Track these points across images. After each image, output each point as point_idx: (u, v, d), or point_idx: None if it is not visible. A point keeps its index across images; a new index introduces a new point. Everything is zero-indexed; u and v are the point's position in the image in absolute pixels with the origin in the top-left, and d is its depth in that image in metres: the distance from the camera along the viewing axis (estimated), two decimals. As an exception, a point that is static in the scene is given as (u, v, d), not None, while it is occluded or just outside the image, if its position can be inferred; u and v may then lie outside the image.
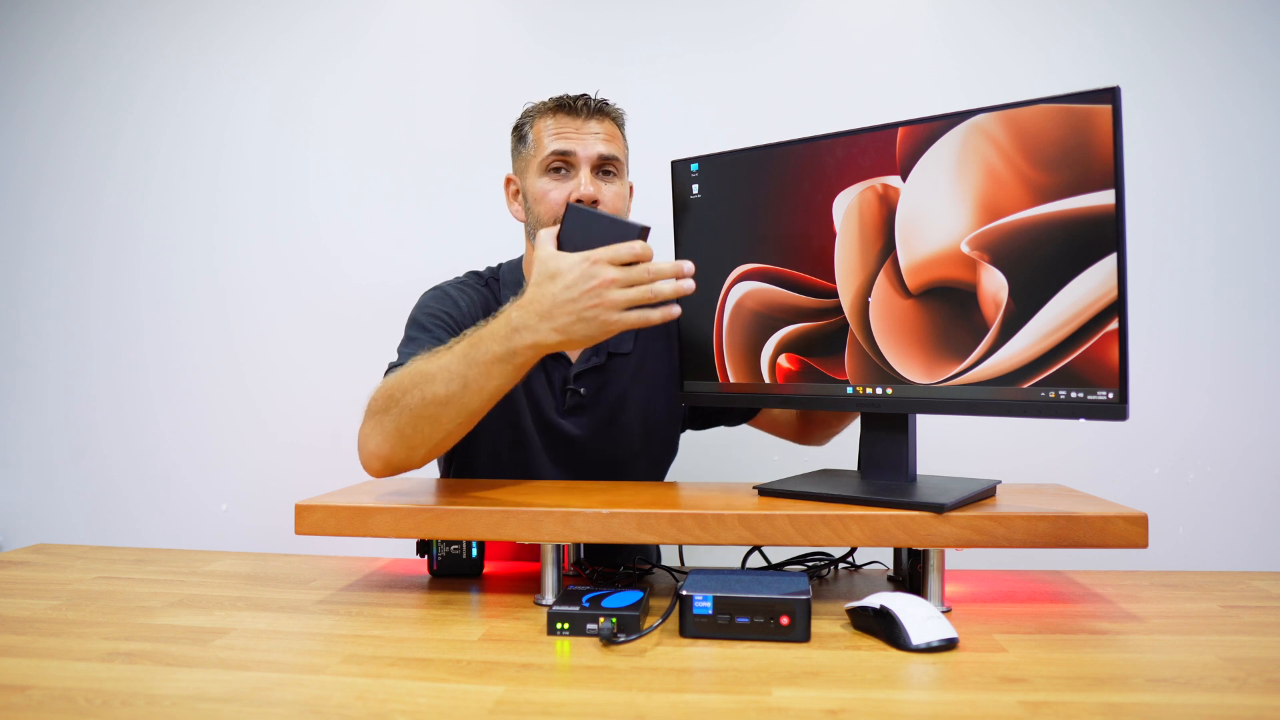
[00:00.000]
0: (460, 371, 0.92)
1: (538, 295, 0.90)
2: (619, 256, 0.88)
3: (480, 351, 0.92)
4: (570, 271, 0.88)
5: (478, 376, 0.92)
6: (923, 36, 1.68)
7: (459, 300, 1.19)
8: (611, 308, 0.88)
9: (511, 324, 0.91)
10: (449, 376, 0.93)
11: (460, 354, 0.93)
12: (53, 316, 1.85)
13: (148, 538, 1.57)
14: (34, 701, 0.66)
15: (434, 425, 0.95)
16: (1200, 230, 1.62)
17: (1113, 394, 0.85)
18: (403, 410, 0.95)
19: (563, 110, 1.18)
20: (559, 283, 0.89)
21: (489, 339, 0.92)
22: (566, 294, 0.88)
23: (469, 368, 0.92)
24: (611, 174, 1.19)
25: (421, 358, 0.97)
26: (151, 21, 1.82)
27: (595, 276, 0.87)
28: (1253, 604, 0.94)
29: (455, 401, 0.93)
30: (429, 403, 0.94)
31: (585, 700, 0.67)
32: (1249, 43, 1.61)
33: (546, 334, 0.89)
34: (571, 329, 0.89)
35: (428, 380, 0.94)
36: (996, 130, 0.89)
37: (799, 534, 0.89)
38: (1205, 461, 1.62)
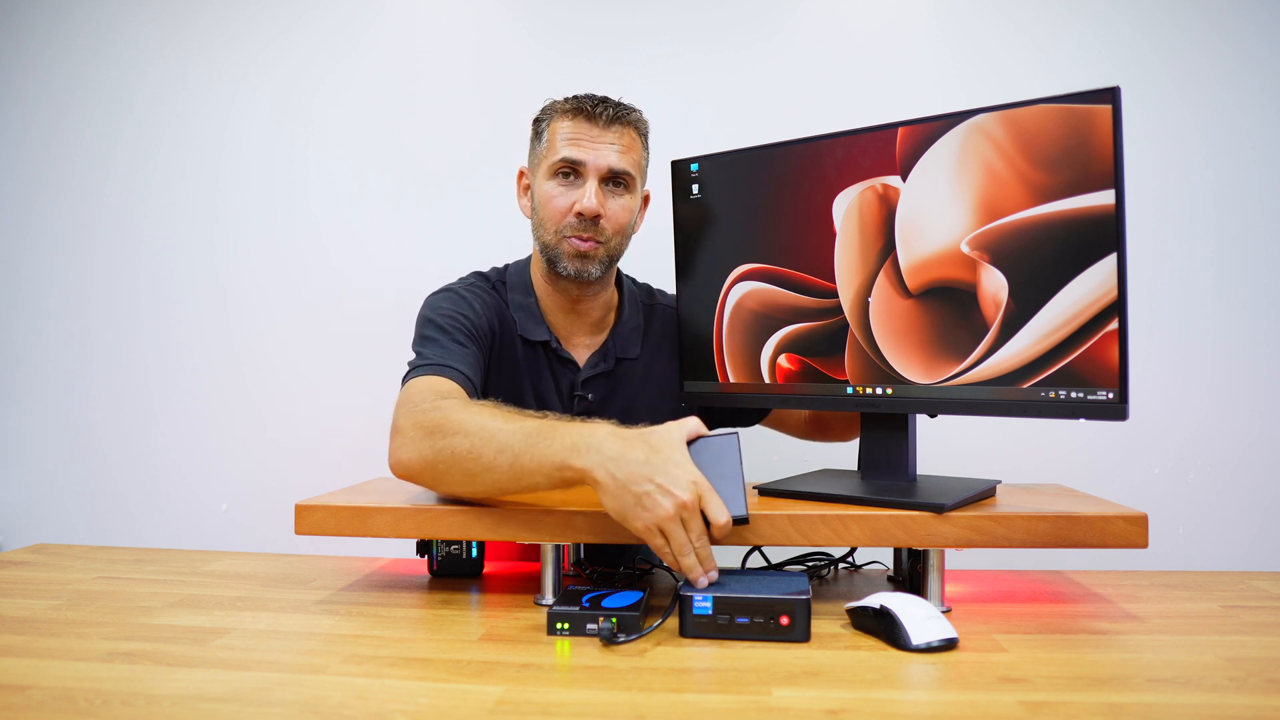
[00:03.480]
0: (513, 449, 0.88)
1: (629, 449, 0.84)
2: (712, 509, 0.82)
3: (545, 443, 0.87)
4: (673, 472, 0.82)
5: (526, 464, 0.88)
6: (923, 36, 1.68)
7: (473, 303, 1.17)
8: (654, 525, 0.82)
9: (593, 441, 0.85)
10: (502, 447, 0.88)
11: (526, 432, 0.88)
12: (53, 316, 1.85)
13: (148, 538, 1.57)
14: (34, 701, 0.66)
15: (467, 480, 0.92)
16: (1200, 230, 1.62)
17: (1113, 394, 0.85)
18: (446, 447, 0.91)
19: (581, 114, 1.15)
20: (661, 463, 0.83)
21: (558, 436, 0.87)
22: (653, 474, 0.82)
23: (525, 450, 0.88)
24: (622, 187, 1.16)
25: (489, 406, 0.94)
26: (151, 21, 1.82)
27: (684, 494, 0.81)
28: (1253, 604, 0.94)
29: (496, 473, 0.90)
30: (474, 459, 0.90)
31: (585, 700, 0.67)
32: (1249, 43, 1.61)
33: (602, 473, 0.84)
34: (621, 493, 0.83)
35: (485, 437, 0.90)
36: (996, 130, 0.89)
37: (799, 534, 0.89)
38: (1205, 461, 1.62)
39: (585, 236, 1.14)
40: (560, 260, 1.16)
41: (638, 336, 1.26)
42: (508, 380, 1.19)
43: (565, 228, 1.15)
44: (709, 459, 0.88)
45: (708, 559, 0.84)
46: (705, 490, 0.83)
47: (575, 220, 1.14)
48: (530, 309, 1.22)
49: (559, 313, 1.23)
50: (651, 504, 0.82)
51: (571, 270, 1.16)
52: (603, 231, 1.15)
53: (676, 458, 0.84)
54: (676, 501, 0.81)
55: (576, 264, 1.15)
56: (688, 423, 0.89)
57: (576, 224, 1.14)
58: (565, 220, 1.14)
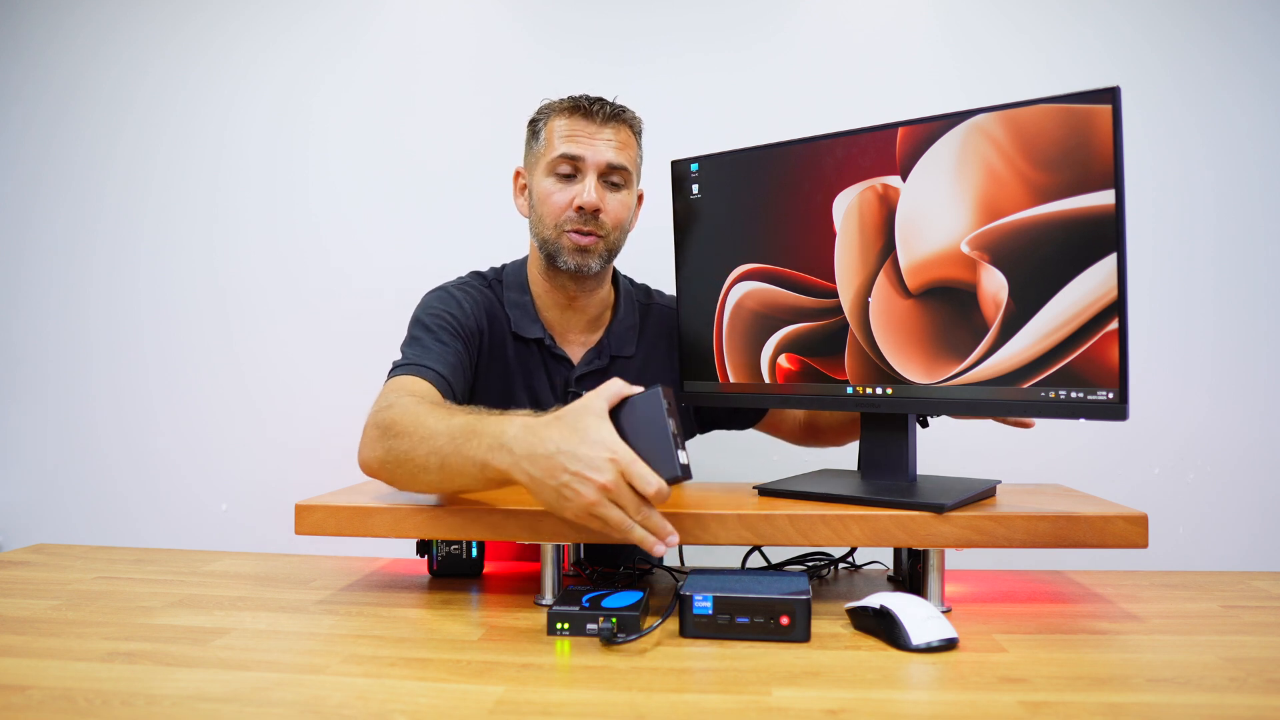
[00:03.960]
0: (441, 451, 0.88)
1: (544, 434, 0.81)
2: (637, 478, 0.79)
3: (467, 444, 0.86)
4: (590, 449, 0.79)
5: (454, 466, 0.88)
6: (923, 36, 1.68)
7: (463, 302, 1.19)
8: (586, 507, 0.80)
9: (503, 440, 0.84)
10: (430, 449, 0.89)
11: (451, 433, 0.88)
12: (53, 317, 1.85)
13: (148, 538, 1.57)
14: (34, 701, 0.66)
15: (411, 480, 0.93)
16: (1200, 230, 1.62)
17: (1113, 394, 0.85)
18: (389, 449, 0.93)
19: (578, 112, 1.17)
20: (571, 448, 0.79)
21: (479, 437, 0.86)
22: (566, 463, 0.79)
23: (451, 452, 0.87)
24: (619, 184, 1.18)
25: (428, 407, 0.94)
26: (151, 21, 1.82)
27: (602, 475, 0.78)
28: (1253, 604, 0.94)
29: (430, 473, 0.90)
30: (407, 459, 0.91)
31: (585, 700, 0.67)
32: (1249, 43, 1.61)
33: (521, 474, 0.83)
34: (541, 489, 0.82)
35: (416, 439, 0.90)
36: (996, 130, 0.89)
37: (799, 534, 0.89)
38: (1205, 461, 1.62)
39: (585, 230, 1.16)
40: (560, 255, 1.17)
41: (633, 335, 1.27)
42: (498, 378, 1.20)
43: (565, 222, 1.16)
44: (637, 421, 0.83)
45: (658, 527, 0.81)
46: (627, 462, 0.78)
47: (575, 215, 1.16)
48: (525, 306, 1.23)
49: (555, 310, 1.24)
50: (572, 494, 0.79)
51: (572, 264, 1.17)
52: (602, 225, 1.17)
53: (591, 436, 0.80)
54: (595, 485, 0.78)
55: (577, 258, 1.17)
56: (605, 389, 0.84)
57: (576, 218, 1.16)
58: (565, 215, 1.16)
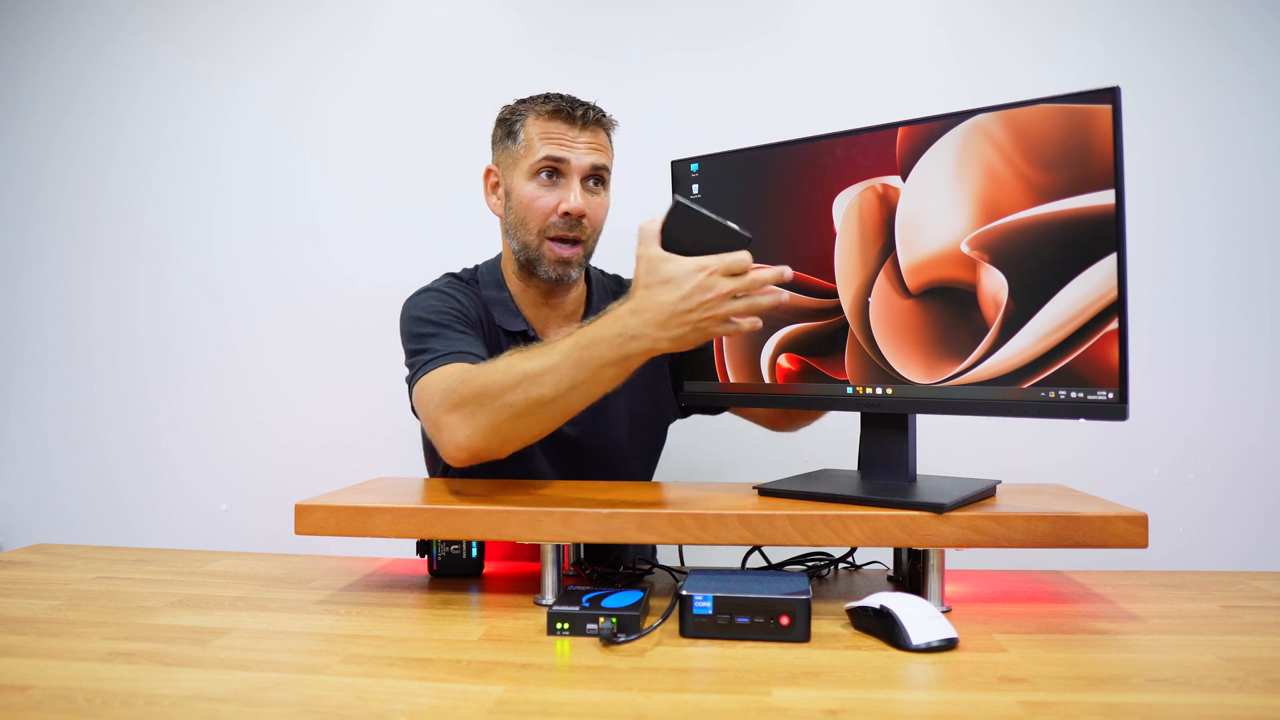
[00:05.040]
0: (569, 374, 0.92)
1: (653, 303, 0.88)
2: (733, 267, 0.87)
3: (592, 354, 0.91)
4: (686, 280, 0.86)
5: (587, 379, 0.92)
6: (923, 36, 1.68)
7: (457, 296, 1.19)
8: (721, 319, 0.88)
9: (627, 330, 0.89)
10: (558, 379, 0.92)
11: (569, 356, 0.92)
12: (52, 317, 1.85)
13: (147, 538, 1.57)
14: (34, 701, 0.66)
15: (534, 423, 0.96)
16: (1200, 230, 1.62)
17: (1113, 394, 0.85)
18: (503, 407, 0.94)
19: (560, 116, 1.17)
20: (674, 291, 0.87)
21: (601, 343, 0.90)
22: (684, 304, 0.87)
23: (579, 370, 0.91)
24: (600, 185, 1.20)
25: (517, 355, 0.96)
26: (151, 20, 1.82)
27: (713, 289, 0.86)
28: (1253, 604, 0.94)
29: (561, 401, 0.93)
30: (533, 402, 0.93)
31: (585, 700, 0.67)
32: (1250, 42, 1.61)
33: (663, 342, 0.89)
34: (685, 338, 0.89)
35: (532, 381, 0.93)
36: (996, 130, 0.89)
37: (799, 534, 0.89)
38: (1205, 462, 1.62)
39: (570, 237, 1.17)
40: (541, 264, 1.19)
41: None
42: None
43: (549, 228, 1.17)
44: (685, 235, 0.90)
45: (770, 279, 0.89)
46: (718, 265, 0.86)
47: (560, 220, 1.16)
48: (505, 303, 1.24)
49: (532, 307, 1.25)
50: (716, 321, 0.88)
51: (553, 275, 1.19)
52: (584, 230, 1.18)
53: (678, 273, 0.87)
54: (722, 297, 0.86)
55: (559, 269, 1.19)
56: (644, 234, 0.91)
57: (561, 224, 1.17)
58: (549, 220, 1.17)
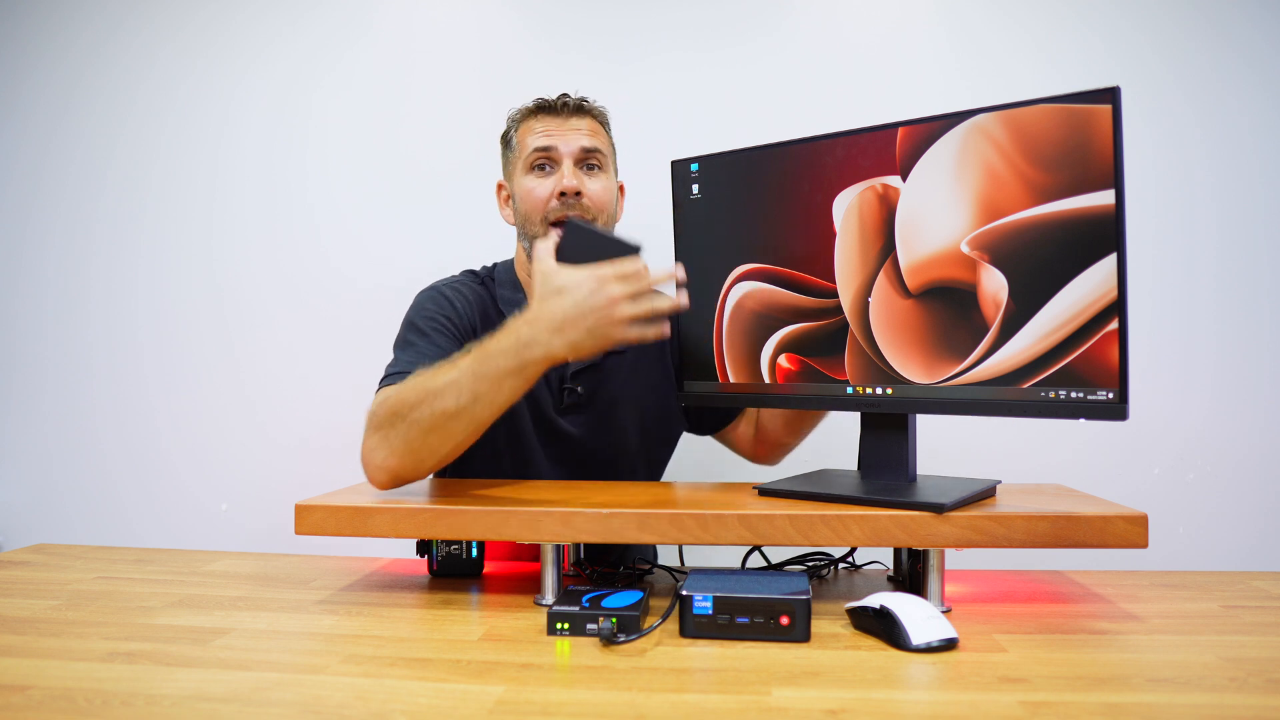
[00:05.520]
0: (469, 386, 0.94)
1: (546, 310, 0.92)
2: (624, 272, 0.92)
3: (490, 366, 0.93)
4: (579, 287, 0.91)
5: (488, 390, 0.94)
6: (924, 36, 1.68)
7: (454, 301, 1.19)
8: (618, 323, 0.92)
9: (521, 339, 0.93)
10: (458, 391, 0.94)
11: (469, 369, 0.94)
12: (52, 317, 1.85)
13: (147, 538, 1.57)
14: (34, 701, 0.66)
15: (443, 438, 0.97)
16: (1200, 230, 1.62)
17: (1113, 394, 0.85)
18: (411, 425, 0.96)
19: (543, 111, 1.20)
20: (568, 298, 0.91)
21: (498, 355, 0.93)
22: (576, 309, 0.91)
23: (478, 382, 0.94)
24: (596, 168, 1.20)
25: (424, 373, 0.98)
26: (151, 20, 1.82)
27: (604, 293, 0.91)
28: (1253, 604, 0.94)
29: (465, 414, 0.95)
30: (438, 416, 0.95)
31: (585, 700, 0.67)
32: (1250, 42, 1.61)
33: (558, 347, 0.92)
34: (581, 343, 0.92)
35: (436, 395, 0.95)
36: (996, 130, 0.89)
37: (799, 534, 0.89)
38: (1205, 462, 1.62)
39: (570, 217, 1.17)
40: None
41: None
42: None
43: (550, 213, 1.17)
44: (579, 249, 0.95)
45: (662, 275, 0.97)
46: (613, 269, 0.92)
47: (558, 203, 1.17)
48: (520, 304, 1.23)
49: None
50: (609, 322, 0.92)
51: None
52: (588, 210, 1.17)
53: (570, 282, 0.92)
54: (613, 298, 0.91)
55: None
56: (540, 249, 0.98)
57: (559, 206, 1.17)
58: (549, 206, 1.17)
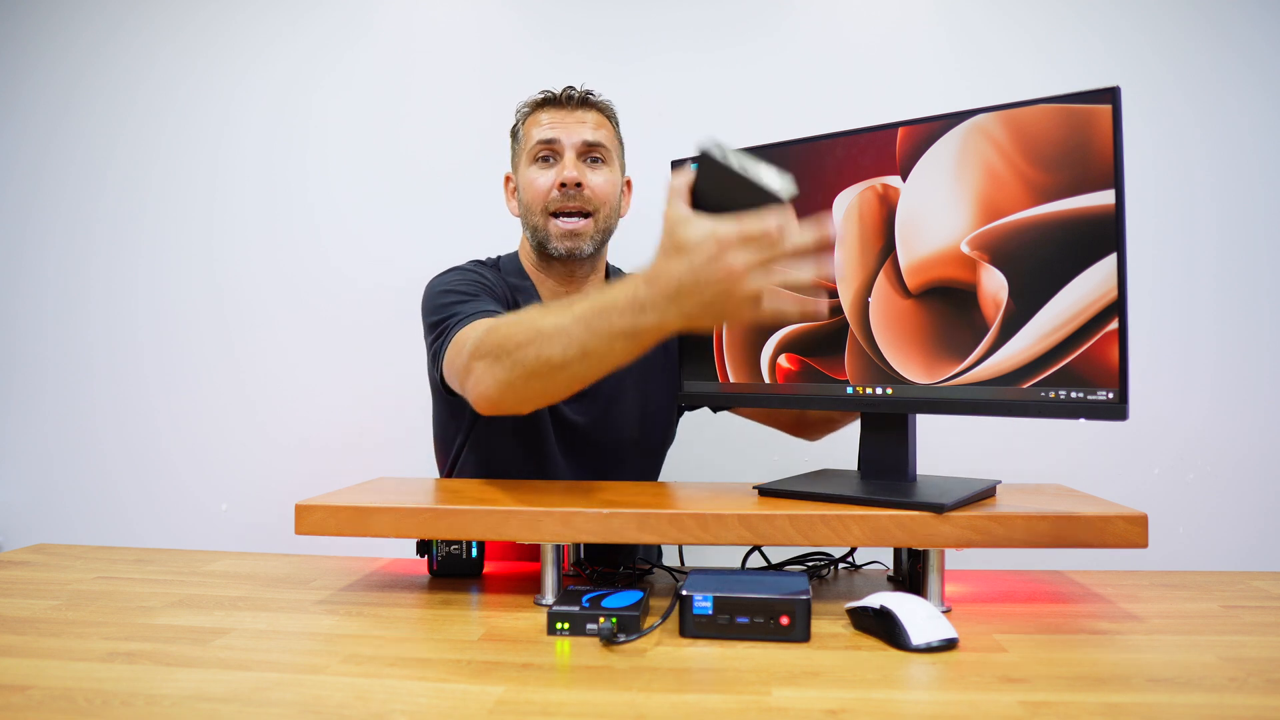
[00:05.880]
0: (580, 339, 0.85)
1: (664, 272, 0.79)
2: (751, 234, 0.75)
3: (604, 322, 0.83)
4: (697, 251, 0.76)
5: (599, 347, 0.84)
6: (924, 36, 1.68)
7: (484, 274, 1.21)
8: (743, 301, 0.77)
9: (638, 300, 0.81)
10: (568, 341, 0.85)
11: (582, 319, 0.85)
12: (52, 317, 1.85)
13: (147, 538, 1.57)
14: (34, 701, 0.66)
15: (547, 384, 0.90)
16: (1200, 230, 1.62)
17: (1113, 394, 0.85)
18: (515, 364, 0.89)
19: (549, 103, 1.21)
20: (684, 262, 0.77)
21: (613, 310, 0.83)
22: (693, 277, 0.77)
23: (590, 337, 0.84)
24: (599, 161, 1.20)
25: (536, 310, 0.92)
26: (151, 20, 1.82)
27: (720, 263, 0.75)
28: (1253, 604, 0.94)
29: (572, 367, 0.86)
30: (544, 363, 0.87)
31: (585, 700, 0.67)
32: (1250, 42, 1.61)
33: (674, 318, 0.80)
34: (699, 318, 0.79)
35: (545, 340, 0.87)
36: (996, 130, 0.89)
37: (799, 534, 0.89)
38: (1205, 462, 1.62)
39: (572, 209, 1.17)
40: (549, 241, 1.19)
41: None
42: None
43: (550, 204, 1.18)
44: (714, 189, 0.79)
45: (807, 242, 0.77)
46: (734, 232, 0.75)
47: (559, 194, 1.17)
48: (527, 290, 1.25)
49: (551, 295, 1.26)
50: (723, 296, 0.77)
51: (562, 249, 1.19)
52: (589, 201, 1.18)
53: (691, 241, 0.77)
54: (731, 270, 0.75)
55: (567, 243, 1.19)
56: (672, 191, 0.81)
57: (560, 197, 1.17)
58: (550, 197, 1.18)
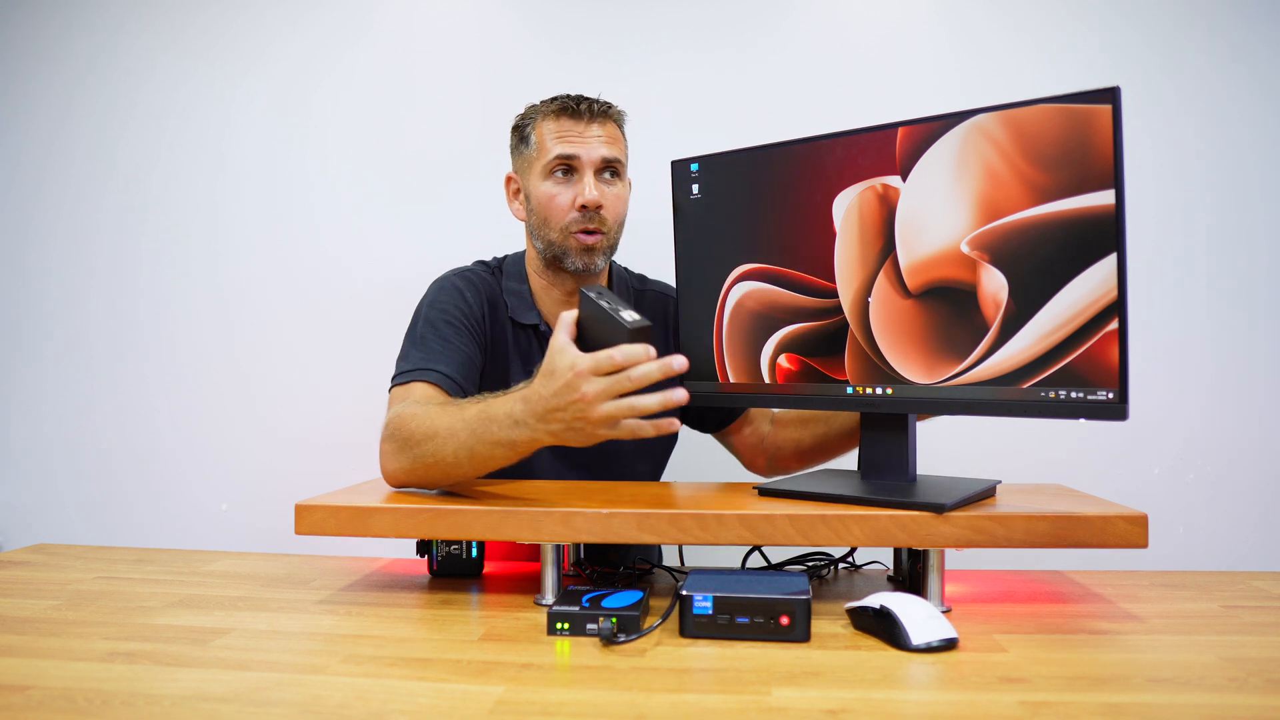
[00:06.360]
0: (467, 444, 0.94)
1: (535, 394, 0.89)
2: (601, 366, 0.85)
3: (486, 430, 0.93)
4: (559, 378, 0.87)
5: (482, 453, 0.94)
6: (924, 36, 1.68)
7: (465, 292, 1.21)
8: (598, 423, 0.86)
9: (514, 417, 0.91)
10: (457, 445, 0.95)
11: (469, 425, 0.94)
12: (53, 316, 1.85)
13: (148, 538, 1.57)
14: (34, 701, 0.66)
15: (442, 477, 0.99)
16: (1200, 230, 1.62)
17: (1112, 394, 0.85)
18: (415, 456, 0.98)
19: (566, 113, 1.19)
20: (549, 387, 0.88)
21: (493, 422, 0.93)
22: (555, 401, 0.87)
23: (476, 443, 0.94)
24: (615, 175, 1.21)
25: (434, 410, 0.99)
26: (152, 23, 1.82)
27: (576, 390, 0.86)
28: (1253, 604, 0.94)
29: (462, 466, 0.96)
30: (438, 460, 0.97)
31: (585, 700, 0.67)
32: (1248, 43, 1.61)
33: (543, 435, 0.90)
34: (564, 435, 0.89)
35: (439, 440, 0.96)
36: (996, 130, 0.89)
37: (799, 534, 0.89)
38: (1205, 461, 1.62)
39: (591, 229, 1.18)
40: (569, 256, 1.19)
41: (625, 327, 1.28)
42: (498, 364, 1.23)
43: (571, 224, 1.18)
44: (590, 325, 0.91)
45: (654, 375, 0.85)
46: (588, 365, 0.85)
47: (579, 215, 1.18)
48: (523, 295, 1.25)
49: (555, 305, 1.26)
50: (585, 423, 0.87)
51: (580, 265, 1.20)
52: (605, 222, 1.19)
53: (557, 369, 0.87)
54: (584, 396, 0.85)
55: (585, 258, 1.19)
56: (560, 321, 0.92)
57: (580, 218, 1.18)
58: (569, 216, 1.18)
